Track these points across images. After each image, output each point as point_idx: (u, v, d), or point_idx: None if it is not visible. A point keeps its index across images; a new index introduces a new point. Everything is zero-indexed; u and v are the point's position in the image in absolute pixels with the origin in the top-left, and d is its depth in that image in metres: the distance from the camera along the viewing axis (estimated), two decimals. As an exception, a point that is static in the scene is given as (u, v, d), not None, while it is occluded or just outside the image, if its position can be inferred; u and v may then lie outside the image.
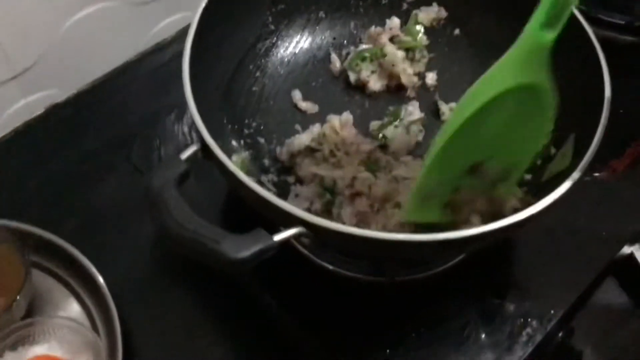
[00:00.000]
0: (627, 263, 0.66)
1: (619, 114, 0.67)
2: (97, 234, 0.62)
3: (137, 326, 0.56)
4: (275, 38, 0.66)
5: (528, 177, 0.57)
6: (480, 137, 0.48)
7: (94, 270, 0.55)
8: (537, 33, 0.44)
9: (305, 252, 0.59)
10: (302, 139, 0.60)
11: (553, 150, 0.57)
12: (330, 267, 0.59)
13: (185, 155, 0.48)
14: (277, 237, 0.44)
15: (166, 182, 0.45)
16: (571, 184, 0.47)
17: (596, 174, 0.66)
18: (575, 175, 0.47)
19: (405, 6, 0.69)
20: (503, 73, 0.46)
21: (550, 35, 0.44)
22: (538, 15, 0.44)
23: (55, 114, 0.71)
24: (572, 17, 0.57)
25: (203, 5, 0.55)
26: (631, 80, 0.73)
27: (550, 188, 0.47)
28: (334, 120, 0.61)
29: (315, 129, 0.61)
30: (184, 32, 0.54)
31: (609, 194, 0.66)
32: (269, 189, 0.57)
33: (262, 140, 0.62)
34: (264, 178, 0.58)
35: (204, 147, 0.48)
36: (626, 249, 0.67)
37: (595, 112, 0.52)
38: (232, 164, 0.47)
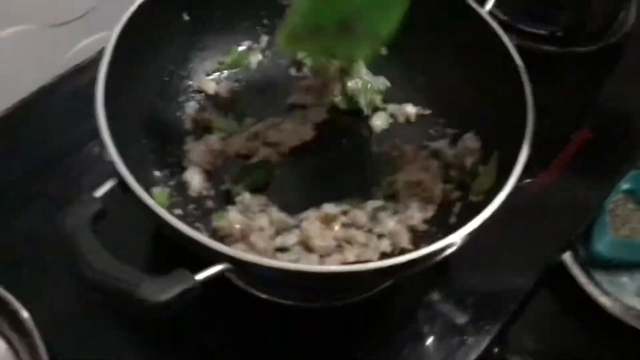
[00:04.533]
0: (559, 271, 0.67)
1: (545, 125, 0.69)
2: (18, 268, 0.59)
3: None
4: (198, 60, 0.64)
5: (457, 194, 0.58)
6: None
7: (17, 304, 0.53)
8: None
9: (236, 281, 0.57)
10: None
11: (480, 168, 0.57)
12: (264, 295, 0.57)
13: (100, 192, 0.45)
14: (200, 277, 0.42)
15: (79, 222, 0.43)
16: (496, 208, 0.47)
17: (525, 182, 0.67)
18: (502, 195, 0.48)
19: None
20: None
21: None
22: None
23: (-35, 146, 0.67)
24: (491, 30, 0.57)
25: (120, 26, 0.54)
26: (556, 90, 0.74)
27: (478, 208, 0.47)
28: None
29: None
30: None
31: (538, 203, 0.66)
32: (195, 219, 0.55)
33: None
34: (190, 207, 0.56)
35: (121, 181, 0.46)
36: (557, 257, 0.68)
37: (518, 128, 0.52)
38: (149, 198, 0.45)
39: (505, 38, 0.57)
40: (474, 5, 0.59)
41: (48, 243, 0.59)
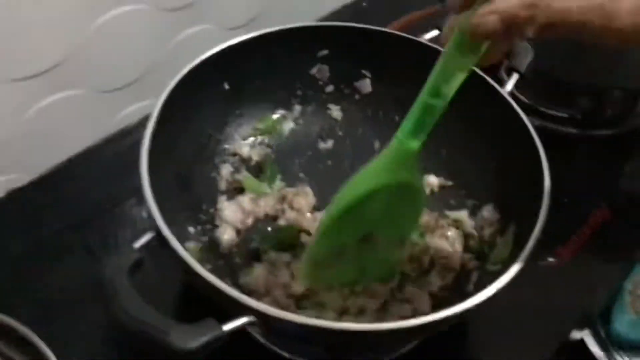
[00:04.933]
0: (578, 349, 0.68)
1: (564, 203, 0.71)
2: (53, 317, 0.61)
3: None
4: (235, 125, 0.68)
5: (475, 262, 0.60)
6: (365, 216, 0.52)
7: (49, 353, 0.54)
8: (404, 142, 0.49)
9: (259, 339, 0.59)
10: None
11: (498, 239, 0.59)
12: (287, 354, 0.59)
13: (138, 243, 0.48)
14: (227, 327, 0.44)
15: (118, 271, 0.46)
16: (510, 278, 0.48)
17: (544, 258, 0.69)
18: (516, 267, 0.49)
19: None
20: (376, 173, 0.51)
21: (415, 144, 0.49)
22: (405, 127, 0.48)
23: (16, 197, 0.71)
24: (512, 110, 0.61)
25: (165, 95, 0.58)
26: (575, 169, 0.77)
27: (494, 278, 0.48)
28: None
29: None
30: (148, 118, 0.56)
31: (556, 280, 0.67)
32: (223, 275, 0.57)
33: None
34: (220, 263, 0.59)
35: (159, 234, 0.49)
36: (576, 334, 0.68)
37: (535, 204, 0.54)
38: (184, 250, 0.48)
39: (525, 118, 0.59)
40: (496, 86, 0.62)
41: (83, 293, 0.62)
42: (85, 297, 0.62)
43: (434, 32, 0.68)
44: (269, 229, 0.64)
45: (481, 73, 0.61)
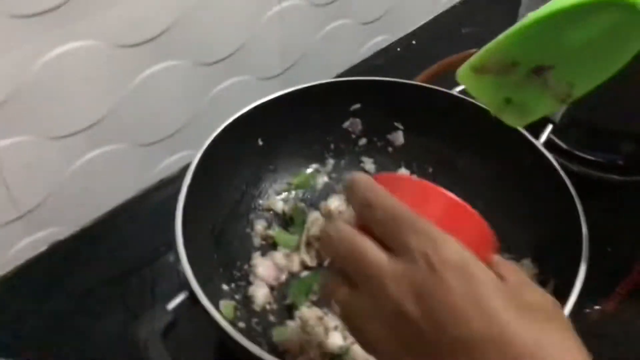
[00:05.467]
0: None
1: (607, 253, 0.69)
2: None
3: None
4: (269, 180, 0.69)
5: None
6: (559, 41, 0.46)
7: None
8: None
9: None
10: None
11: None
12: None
13: (172, 305, 0.49)
14: (260, 390, 0.44)
15: (152, 333, 0.47)
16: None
17: (586, 310, 0.67)
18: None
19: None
20: None
21: None
22: None
23: (57, 250, 0.73)
24: (547, 161, 0.60)
25: (201, 153, 0.59)
26: (618, 217, 0.75)
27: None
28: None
29: None
30: (185, 169, 0.58)
31: (598, 332, 0.65)
32: (257, 334, 0.57)
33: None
34: (254, 321, 0.59)
35: (192, 294, 0.50)
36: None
37: (574, 255, 0.53)
38: (218, 314, 0.48)
39: (559, 169, 0.59)
40: (530, 137, 0.62)
41: (121, 352, 0.63)
42: (123, 356, 0.62)
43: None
44: (300, 280, 0.64)
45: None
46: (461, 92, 0.67)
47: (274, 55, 0.85)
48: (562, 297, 0.51)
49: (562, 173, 0.59)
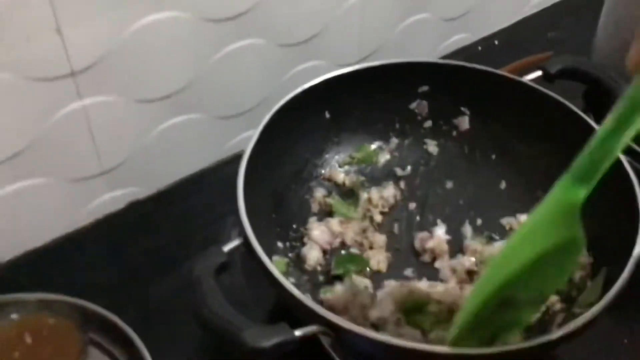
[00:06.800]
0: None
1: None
2: (155, 323, 0.66)
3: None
4: (332, 152, 0.72)
5: (562, 305, 0.58)
6: (511, 281, 0.47)
7: (147, 355, 0.59)
8: (568, 190, 0.43)
9: (330, 350, 0.60)
10: None
11: (588, 283, 0.57)
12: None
13: (227, 247, 0.52)
14: (298, 332, 0.46)
15: (205, 270, 0.50)
16: (594, 315, 0.48)
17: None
18: (597, 307, 0.48)
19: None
20: (534, 236, 0.45)
21: (582, 192, 0.42)
22: (572, 170, 0.42)
23: (134, 209, 0.77)
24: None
25: (267, 118, 0.62)
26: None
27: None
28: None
29: None
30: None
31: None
32: (305, 290, 0.60)
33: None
34: (303, 278, 0.62)
35: (246, 241, 0.53)
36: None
37: (629, 245, 0.52)
38: (265, 257, 0.51)
39: (625, 163, 0.58)
40: (590, 121, 0.61)
41: (185, 306, 0.66)
42: (186, 309, 0.66)
43: (537, 73, 0.68)
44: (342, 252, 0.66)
45: (574, 109, 0.60)
46: (532, 80, 0.67)
47: (352, 43, 0.87)
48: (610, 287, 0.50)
49: (627, 167, 0.58)
